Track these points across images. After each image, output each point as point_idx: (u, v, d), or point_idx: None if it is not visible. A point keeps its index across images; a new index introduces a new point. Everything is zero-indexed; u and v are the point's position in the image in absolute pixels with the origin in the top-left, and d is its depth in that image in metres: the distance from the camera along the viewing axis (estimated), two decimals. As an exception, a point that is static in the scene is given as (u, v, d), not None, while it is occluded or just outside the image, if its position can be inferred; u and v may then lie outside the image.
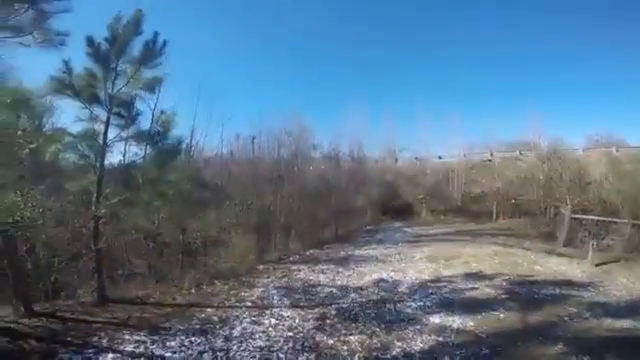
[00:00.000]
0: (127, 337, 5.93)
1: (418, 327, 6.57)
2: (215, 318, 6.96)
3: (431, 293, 8.35)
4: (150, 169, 7.46)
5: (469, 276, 9.56)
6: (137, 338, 5.92)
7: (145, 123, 7.83)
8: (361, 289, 8.77)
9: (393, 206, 22.64)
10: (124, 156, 7.73)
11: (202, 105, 13.02)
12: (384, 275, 9.84)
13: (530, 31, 39.18)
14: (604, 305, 7.44)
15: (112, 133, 7.09)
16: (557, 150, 17.36)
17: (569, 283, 8.95)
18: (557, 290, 8.45)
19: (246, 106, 33.26)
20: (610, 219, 12.87)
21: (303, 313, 7.28)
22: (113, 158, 7.82)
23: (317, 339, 6.15)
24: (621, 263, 10.67)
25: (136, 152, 7.94)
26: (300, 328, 6.59)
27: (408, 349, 5.77)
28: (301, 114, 17.99)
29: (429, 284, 9.02)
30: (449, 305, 7.57)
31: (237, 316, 7.10)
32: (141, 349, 5.62)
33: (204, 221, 10.62)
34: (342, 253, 12.64)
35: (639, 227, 12.07)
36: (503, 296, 8.08)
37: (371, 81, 43.14)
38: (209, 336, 6.16)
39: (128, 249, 9.78)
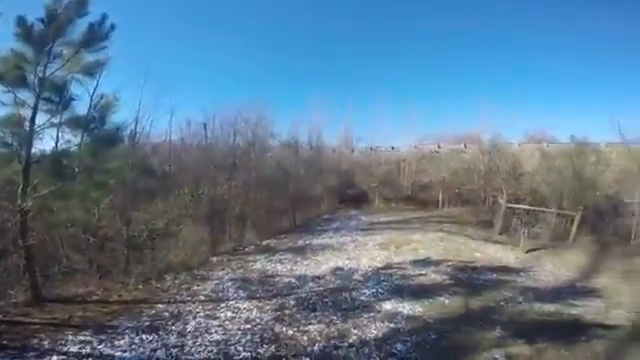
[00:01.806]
0: (71, 337, 5.56)
1: (372, 314, 6.87)
2: (166, 314, 6.70)
3: (383, 280, 8.74)
4: (86, 157, 6.78)
5: (417, 262, 10.13)
6: (82, 338, 5.59)
7: (83, 109, 7.09)
8: (319, 278, 8.92)
9: (349, 194, 23.13)
10: (56, 144, 6.91)
11: (150, 91, 12.05)
12: (340, 263, 10.08)
13: (482, 29, 41.43)
14: (534, 290, 8.24)
15: (42, 119, 6.34)
16: (496, 144, 18.92)
17: (504, 269, 9.82)
18: (494, 275, 9.26)
19: (202, 95, 31.72)
20: (539, 209, 14.36)
21: (261, 304, 7.25)
22: (44, 146, 6.99)
23: (276, 330, 6.19)
24: (548, 250, 11.89)
25: (69, 139, 7.14)
26: (258, 320, 6.57)
27: (364, 336, 6.03)
28: (259, 102, 17.47)
29: (381, 271, 9.43)
30: (400, 291, 7.99)
31: (190, 311, 6.89)
32: (88, 349, 5.32)
33: (151, 212, 9.97)
34: (300, 242, 12.69)
35: (564, 216, 13.63)
36: (447, 282, 8.70)
37: (332, 72, 43.09)
38: (161, 332, 5.95)
39: (64, 244, 8.90)
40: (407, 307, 7.19)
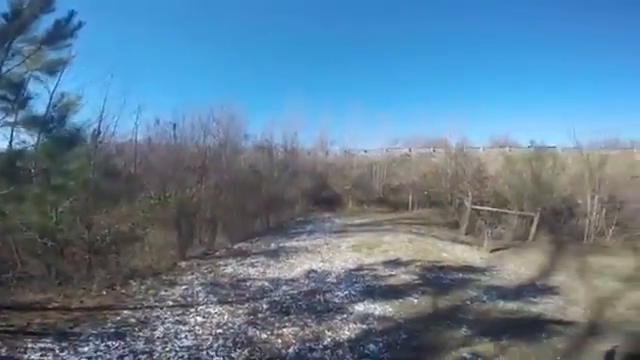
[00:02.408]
0: (30, 345, 5.24)
1: (345, 316, 6.93)
2: (133, 320, 6.46)
3: (355, 282, 8.86)
4: (43, 159, 6.37)
5: (388, 263, 10.33)
6: (43, 345, 5.29)
7: (42, 108, 6.66)
8: (292, 281, 8.90)
9: (323, 197, 23.23)
10: (11, 144, 6.42)
11: (117, 89, 11.39)
12: (314, 266, 10.10)
13: (456, 36, 43.28)
14: (497, 288, 8.63)
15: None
16: (463, 148, 19.82)
17: (470, 268, 10.25)
18: (460, 275, 9.63)
19: (173, 95, 30.78)
20: (501, 210, 15.16)
21: (232, 309, 7.13)
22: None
23: (250, 334, 6.12)
24: (510, 250, 12.52)
25: (25, 140, 6.68)
26: (230, 324, 6.47)
27: (338, 338, 6.07)
28: (232, 102, 17.15)
29: (354, 273, 9.54)
30: (371, 293, 8.13)
31: (158, 316, 6.67)
32: (50, 357, 5.05)
33: (115, 215, 9.50)
34: (273, 245, 12.58)
35: (524, 217, 14.46)
36: (417, 282, 8.96)
37: (307, 75, 43.20)
38: (128, 339, 5.73)
39: (19, 249, 8.28)
40: (379, 308, 7.32)
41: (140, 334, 5.95)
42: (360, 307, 7.36)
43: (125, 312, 6.79)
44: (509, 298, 7.97)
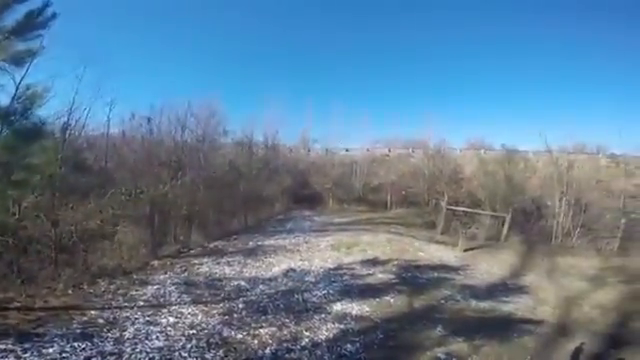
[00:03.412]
0: None
1: (323, 316, 6.91)
2: (101, 320, 6.22)
3: (334, 281, 8.85)
4: (2, 153, 5.98)
5: (366, 263, 10.39)
6: (3, 347, 5.07)
7: (7, 100, 6.27)
8: (270, 280, 8.79)
9: (304, 195, 23.10)
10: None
11: (90, 82, 10.85)
12: (293, 265, 10.02)
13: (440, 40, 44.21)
14: (471, 287, 8.80)
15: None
16: (440, 150, 20.27)
17: (445, 267, 10.42)
18: (435, 274, 9.78)
19: (150, 89, 29.79)
20: (475, 211, 15.59)
21: (207, 309, 6.97)
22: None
23: (224, 334, 6.00)
24: (483, 249, 12.84)
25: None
26: (204, 325, 6.32)
27: (316, 338, 6.04)
28: (211, 98, 16.76)
29: (332, 272, 9.54)
30: (349, 292, 8.15)
31: (128, 317, 6.45)
32: (11, 359, 4.83)
33: (83, 211, 9.06)
34: (251, 244, 12.39)
35: (496, 218, 14.92)
36: (393, 281, 9.05)
37: (289, 73, 42.90)
38: (95, 340, 5.53)
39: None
40: (356, 307, 7.34)
41: (109, 335, 5.75)
42: (338, 307, 7.36)
43: (92, 312, 6.54)
44: (482, 297, 8.14)
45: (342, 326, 6.53)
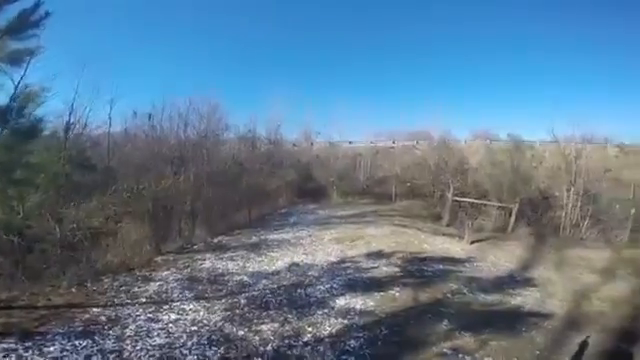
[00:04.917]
0: None
1: (326, 311, 6.82)
2: (103, 318, 6.23)
3: (337, 275, 8.75)
4: (1, 152, 5.99)
5: (370, 255, 10.26)
6: (5, 346, 5.09)
7: (6, 100, 6.29)
8: (273, 275, 8.73)
9: (308, 188, 23.07)
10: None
11: (91, 80, 10.88)
12: (296, 259, 9.95)
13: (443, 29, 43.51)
14: (478, 280, 8.62)
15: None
16: (445, 141, 19.99)
17: (451, 260, 10.23)
18: (441, 266, 9.60)
19: (153, 87, 29.75)
20: (481, 201, 15.37)
21: (209, 305, 6.94)
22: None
23: (226, 331, 5.95)
24: (490, 241, 12.62)
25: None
26: (206, 321, 6.29)
27: (318, 334, 5.95)
28: (213, 93, 16.73)
29: (336, 266, 9.45)
30: (353, 286, 8.04)
31: (129, 314, 6.45)
32: (12, 358, 4.86)
33: (87, 209, 9.08)
34: (254, 238, 12.34)
35: (503, 209, 14.70)
36: (398, 274, 8.90)
37: (292, 66, 42.75)
38: (97, 337, 5.53)
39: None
40: (360, 302, 7.23)
41: (110, 332, 5.75)
42: (342, 301, 7.27)
43: (95, 310, 6.55)
44: (489, 290, 7.98)
45: (346, 321, 6.43)
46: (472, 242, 12.26)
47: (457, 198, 15.64)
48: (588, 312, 7.08)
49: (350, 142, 27.66)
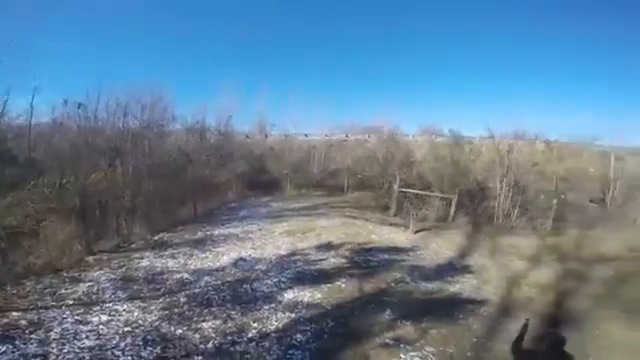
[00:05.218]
0: None
1: (273, 305, 6.75)
2: (23, 322, 5.71)
3: (286, 268, 8.69)
4: None
5: (320, 247, 10.31)
6: None
7: None
8: (217, 271, 8.45)
9: (260, 181, 22.62)
10: None
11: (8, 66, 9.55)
12: (243, 253, 9.71)
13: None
14: (420, 269, 8.93)
15: None
16: (393, 135, 20.76)
17: (396, 250, 10.55)
18: (387, 256, 9.86)
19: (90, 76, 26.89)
20: (425, 192, 16.18)
21: (145, 305, 6.57)
22: None
23: (163, 330, 5.69)
24: (433, 230, 13.24)
25: None
26: (141, 321, 5.95)
27: (264, 329, 5.86)
28: (157, 83, 15.71)
29: (285, 259, 9.38)
30: (301, 279, 8.04)
31: (55, 317, 5.95)
32: None
33: (4, 205, 8.02)
34: (199, 234, 11.84)
35: (445, 199, 15.59)
36: (345, 265, 9.02)
37: (245, 57, 41.28)
38: (18, 342, 5.11)
39: None
40: (307, 295, 7.24)
41: (32, 336, 5.30)
42: (290, 295, 7.23)
43: (15, 314, 5.97)
44: (430, 278, 8.26)
45: (293, 315, 6.41)
46: (416, 231, 12.76)
47: (403, 189, 16.28)
48: (519, 298, 7.50)
49: (306, 135, 27.63)
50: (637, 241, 11.79)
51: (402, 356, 5.21)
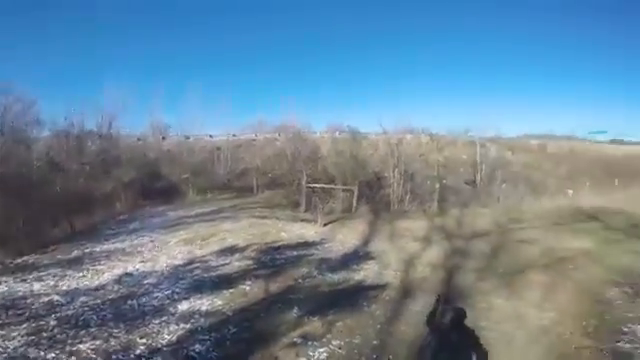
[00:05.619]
0: None
1: (165, 318, 6.09)
2: None
3: (181, 278, 7.94)
4: None
5: (223, 252, 9.69)
6: None
7: None
8: (96, 290, 7.36)
9: (156, 189, 20.40)
10: None
11: None
12: (130, 268, 8.62)
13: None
14: (328, 261, 8.95)
15: None
16: (300, 132, 21.11)
17: (305, 244, 10.50)
18: (295, 252, 9.69)
19: None
20: (330, 186, 16.85)
21: (4, 332, 5.51)
22: None
23: (31, 356, 4.88)
24: (339, 222, 13.67)
25: None
26: (1, 349, 5.03)
27: (154, 344, 5.27)
28: (12, 82, 12.86)
29: (180, 269, 8.58)
30: (199, 287, 7.41)
31: None
32: None
33: None
34: (75, 252, 10.13)
35: (348, 191, 16.45)
36: (251, 267, 8.60)
37: (133, 55, 36.93)
38: None
39: None
40: (206, 303, 6.68)
41: None
42: (184, 305, 6.58)
43: None
44: (337, 269, 8.30)
45: (189, 326, 5.84)
46: (325, 224, 13.03)
47: (310, 185, 16.63)
48: (415, 279, 7.85)
49: (211, 136, 26.18)
50: (501, 217, 14.06)
51: (310, 354, 5.04)
